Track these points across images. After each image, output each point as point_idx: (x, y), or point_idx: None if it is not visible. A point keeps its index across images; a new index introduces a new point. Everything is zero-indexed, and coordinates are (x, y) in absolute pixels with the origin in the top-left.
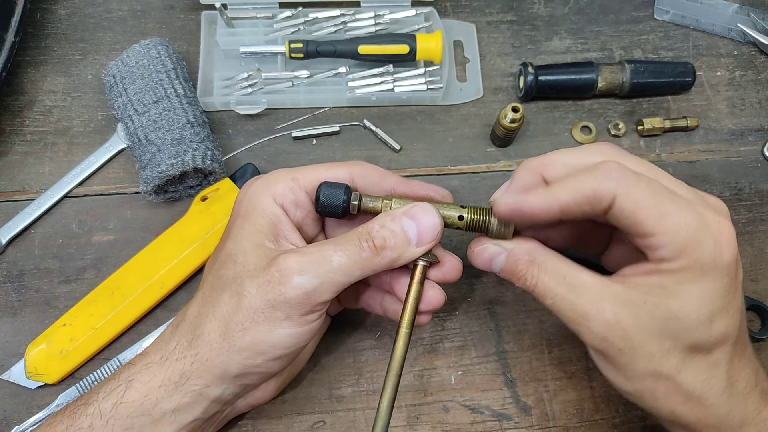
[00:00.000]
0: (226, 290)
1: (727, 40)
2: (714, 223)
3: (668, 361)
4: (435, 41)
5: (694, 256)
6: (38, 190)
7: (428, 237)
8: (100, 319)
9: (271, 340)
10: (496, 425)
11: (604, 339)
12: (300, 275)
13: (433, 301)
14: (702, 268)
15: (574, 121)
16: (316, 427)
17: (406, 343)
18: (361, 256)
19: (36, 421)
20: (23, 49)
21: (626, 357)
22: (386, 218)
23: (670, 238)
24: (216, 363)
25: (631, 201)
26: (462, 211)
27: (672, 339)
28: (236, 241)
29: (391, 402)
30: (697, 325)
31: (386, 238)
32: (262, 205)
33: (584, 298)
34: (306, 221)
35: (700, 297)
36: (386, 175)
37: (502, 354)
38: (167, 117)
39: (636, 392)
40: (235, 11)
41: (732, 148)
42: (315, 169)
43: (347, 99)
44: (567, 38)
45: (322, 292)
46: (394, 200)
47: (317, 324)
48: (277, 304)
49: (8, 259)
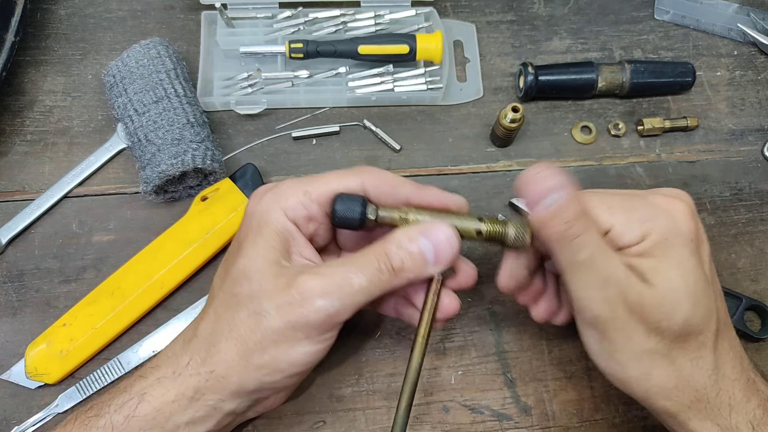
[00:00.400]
0: (243, 309)
1: (727, 40)
2: (663, 203)
3: (663, 340)
4: (435, 41)
5: (654, 231)
6: (38, 190)
7: (446, 257)
8: (100, 319)
9: (290, 358)
10: (496, 425)
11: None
12: (322, 298)
13: (448, 310)
14: (666, 240)
15: (574, 121)
16: (316, 427)
17: (423, 352)
18: (380, 278)
19: (36, 421)
20: (23, 49)
21: (627, 333)
22: (404, 238)
23: (625, 224)
24: (233, 380)
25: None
26: (480, 225)
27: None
28: (249, 257)
29: (408, 409)
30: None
31: (404, 260)
32: (275, 221)
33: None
34: (318, 232)
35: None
36: (399, 183)
37: (502, 354)
38: (167, 117)
39: (630, 379)
40: (235, 11)
41: (732, 148)
42: (326, 180)
43: (347, 99)
44: (567, 38)
45: (343, 313)
46: (411, 213)
47: (333, 339)
48: (298, 326)
49: (8, 259)
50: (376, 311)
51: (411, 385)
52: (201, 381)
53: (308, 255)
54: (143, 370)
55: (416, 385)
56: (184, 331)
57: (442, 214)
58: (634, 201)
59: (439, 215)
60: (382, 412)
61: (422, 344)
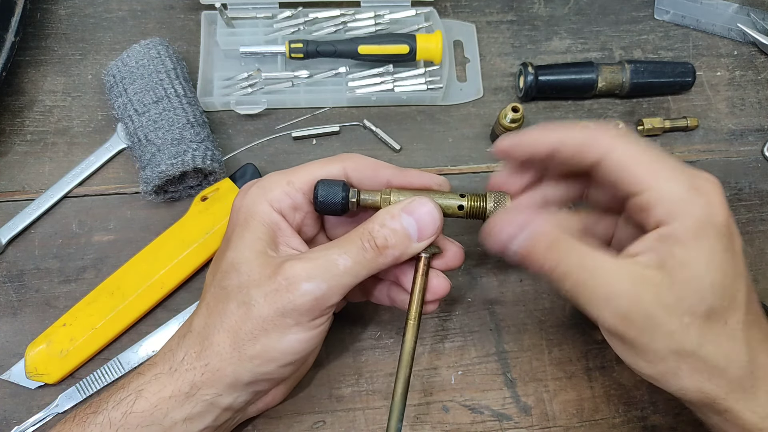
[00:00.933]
0: (232, 300)
1: (727, 40)
2: (704, 186)
3: (688, 336)
4: (435, 41)
5: (689, 215)
6: (38, 190)
7: (429, 232)
8: (100, 319)
9: (282, 347)
10: (496, 425)
11: (625, 318)
12: (308, 281)
13: (438, 290)
14: (701, 228)
15: (574, 121)
16: (316, 427)
17: (415, 334)
18: (365, 257)
19: (36, 421)
20: (23, 49)
21: (647, 337)
22: (386, 216)
23: (661, 194)
24: (227, 372)
25: (624, 155)
26: (461, 201)
27: (690, 312)
28: (238, 250)
29: (404, 393)
30: (711, 289)
31: (387, 237)
32: (260, 213)
33: (604, 280)
34: (305, 222)
35: (708, 260)
36: (380, 167)
37: (502, 354)
38: (167, 117)
39: (659, 374)
40: (235, 11)
41: (732, 148)
42: (308, 169)
43: (347, 99)
44: (567, 38)
45: (331, 296)
46: (393, 193)
47: (326, 326)
48: (287, 312)
49: (8, 259)
50: (370, 301)
51: (406, 368)
52: (196, 375)
53: (295, 245)
54: (141, 368)
55: (411, 368)
56: (180, 328)
57: (423, 192)
58: (680, 174)
59: (420, 193)
60: (382, 412)
61: (414, 326)
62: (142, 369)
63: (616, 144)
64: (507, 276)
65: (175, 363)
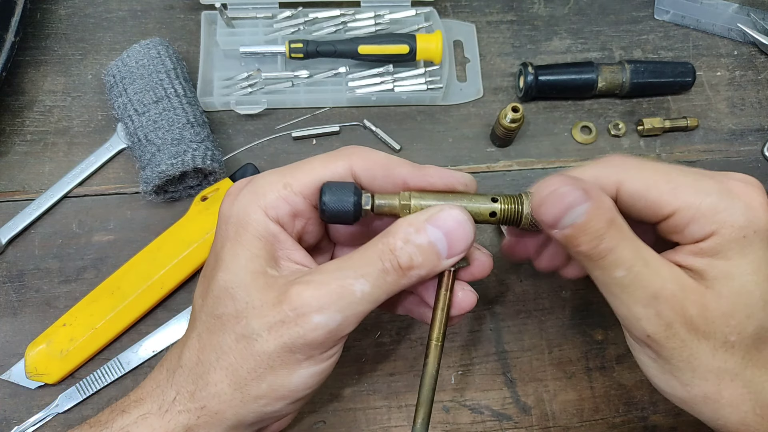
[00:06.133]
0: (228, 333)
1: (727, 40)
2: (739, 189)
3: (733, 356)
4: (435, 41)
5: (727, 224)
6: (38, 190)
7: (460, 247)
8: (100, 319)
9: (292, 384)
10: (496, 425)
11: (670, 326)
12: (320, 313)
13: (464, 304)
14: (744, 237)
15: (574, 121)
16: (316, 427)
17: (439, 357)
18: (386, 280)
19: (36, 421)
20: (23, 49)
21: (687, 351)
22: (410, 230)
23: (692, 210)
24: (228, 415)
25: (639, 182)
26: (494, 206)
27: (738, 330)
28: (231, 271)
29: (426, 424)
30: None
31: (413, 256)
32: (254, 223)
33: (658, 275)
34: (307, 228)
35: (756, 271)
36: (393, 164)
37: (502, 354)
38: (167, 117)
39: (695, 399)
40: (235, 11)
41: (732, 148)
42: (309, 168)
43: (347, 99)
44: (567, 38)
45: (346, 327)
46: (413, 198)
47: (339, 354)
48: (296, 348)
49: (8, 259)
50: (382, 310)
51: (428, 393)
52: (191, 418)
53: (298, 258)
54: (126, 404)
55: (434, 393)
56: (167, 357)
57: (448, 196)
58: (705, 182)
59: (446, 197)
60: (382, 412)
61: (437, 348)
62: (127, 405)
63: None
64: (507, 276)
65: (166, 402)
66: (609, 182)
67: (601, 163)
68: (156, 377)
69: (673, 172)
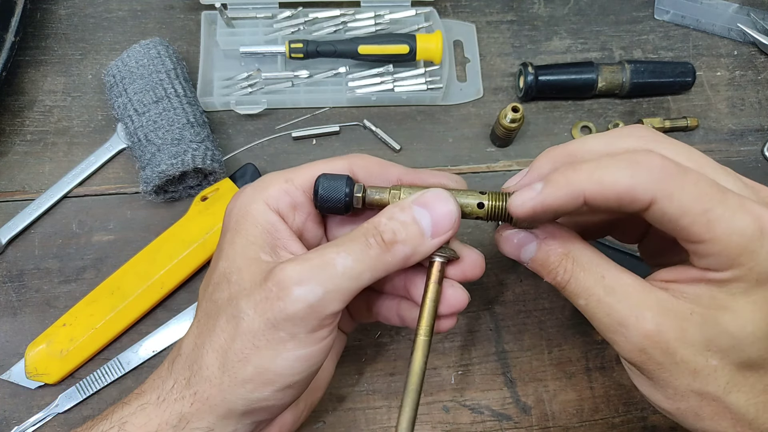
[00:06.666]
0: (222, 315)
1: (727, 40)
2: None
3: (715, 380)
4: (435, 41)
5: (747, 266)
6: (38, 190)
7: (445, 226)
8: (100, 319)
9: (277, 366)
10: (496, 425)
11: (643, 351)
12: (300, 285)
13: (454, 302)
14: (757, 279)
15: (574, 121)
16: (316, 427)
17: (426, 353)
18: (369, 254)
19: (36, 421)
20: (23, 49)
21: (666, 373)
22: (395, 209)
23: (720, 247)
24: (218, 401)
25: (675, 205)
26: (482, 198)
27: (721, 356)
28: (229, 258)
29: (411, 425)
30: (753, 340)
31: (396, 231)
32: (255, 212)
33: (623, 302)
34: (307, 225)
35: (755, 311)
36: (389, 165)
37: (502, 354)
38: (167, 117)
39: (677, 411)
40: (235, 11)
41: (732, 148)
42: (311, 167)
43: (347, 99)
44: (567, 38)
45: (329, 303)
46: (403, 190)
47: (328, 342)
48: (279, 323)
49: (8, 259)
50: (378, 321)
51: (414, 393)
52: (185, 406)
53: (295, 249)
54: (128, 396)
55: (420, 393)
56: (171, 352)
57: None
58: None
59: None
60: (382, 412)
61: (424, 343)
62: (128, 398)
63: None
64: (507, 276)
65: (164, 392)
66: (643, 195)
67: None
68: (159, 370)
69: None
